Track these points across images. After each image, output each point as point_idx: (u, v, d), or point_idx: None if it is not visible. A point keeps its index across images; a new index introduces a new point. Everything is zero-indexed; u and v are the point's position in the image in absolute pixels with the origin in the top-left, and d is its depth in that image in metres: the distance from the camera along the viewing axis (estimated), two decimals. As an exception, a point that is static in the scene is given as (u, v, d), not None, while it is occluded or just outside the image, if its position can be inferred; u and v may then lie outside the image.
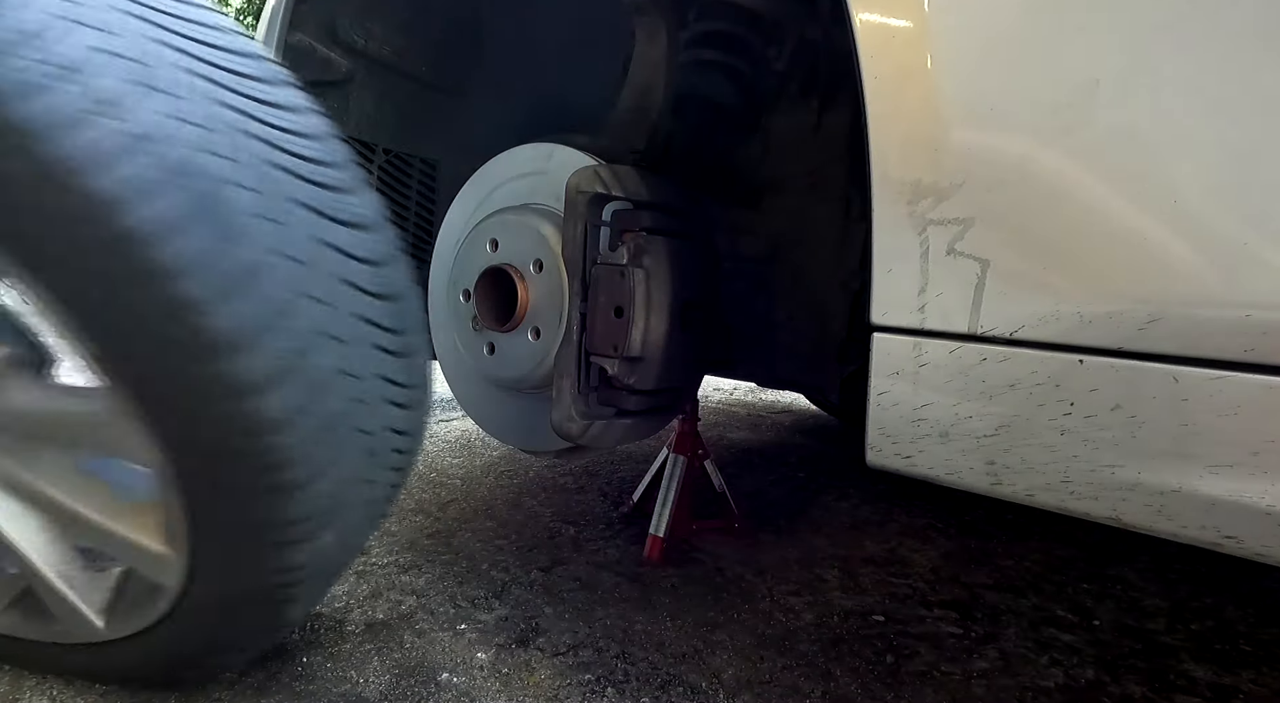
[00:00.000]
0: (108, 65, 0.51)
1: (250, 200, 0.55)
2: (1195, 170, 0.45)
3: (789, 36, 0.96)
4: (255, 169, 0.57)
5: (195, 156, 0.53)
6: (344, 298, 0.62)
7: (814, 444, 2.12)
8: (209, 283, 0.52)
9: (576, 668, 0.92)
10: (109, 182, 0.49)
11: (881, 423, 0.62)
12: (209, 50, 0.60)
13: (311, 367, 0.59)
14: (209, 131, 0.55)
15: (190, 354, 0.53)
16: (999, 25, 0.51)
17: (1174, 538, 0.51)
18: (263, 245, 0.55)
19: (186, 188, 0.52)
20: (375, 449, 0.69)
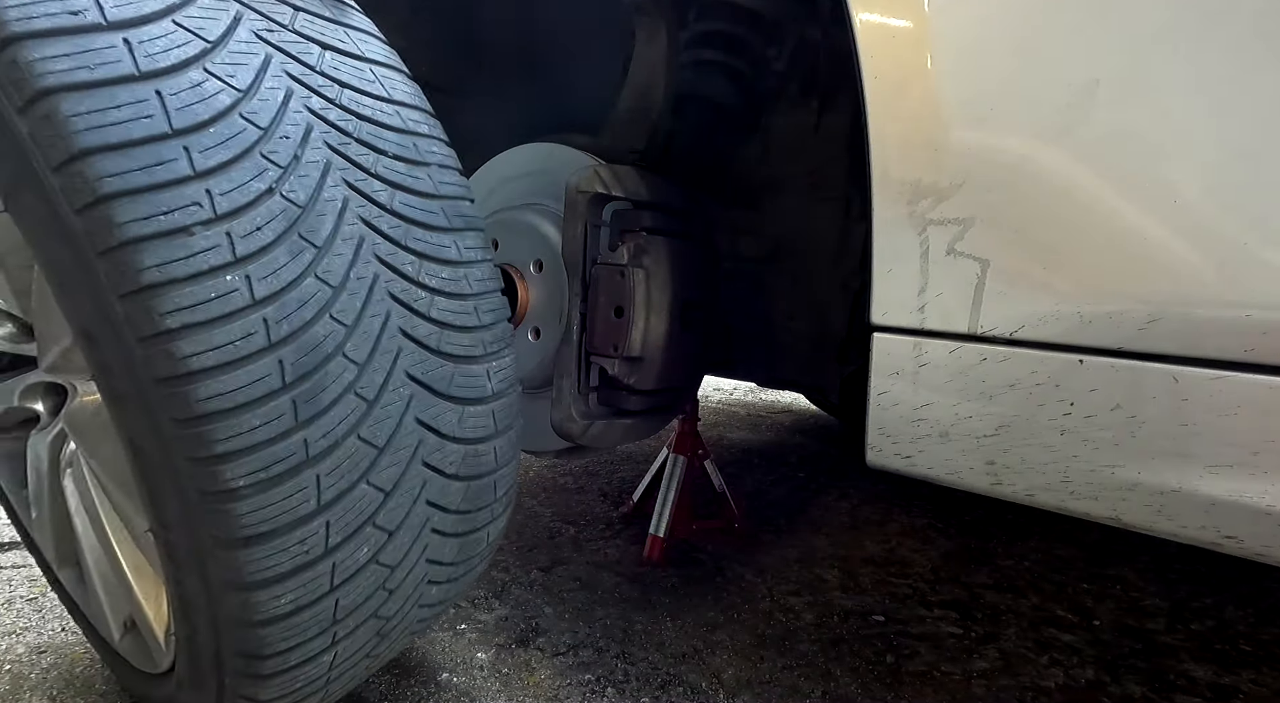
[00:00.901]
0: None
1: (349, 377, 0.48)
2: (1195, 170, 0.45)
3: (789, 36, 0.96)
4: (369, 339, 0.49)
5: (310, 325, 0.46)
6: (412, 485, 0.53)
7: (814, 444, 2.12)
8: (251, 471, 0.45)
9: (576, 668, 0.92)
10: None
11: (881, 423, 0.62)
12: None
13: (337, 561, 0.50)
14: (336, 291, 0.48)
15: (214, 535, 0.46)
16: (999, 25, 0.51)
17: (1174, 538, 0.51)
18: (342, 428, 0.48)
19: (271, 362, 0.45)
20: (389, 631, 0.59)
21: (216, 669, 0.54)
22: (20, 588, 1.12)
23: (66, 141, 0.41)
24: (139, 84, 0.43)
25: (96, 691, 0.86)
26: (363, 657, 0.60)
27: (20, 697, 0.84)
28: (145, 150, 0.42)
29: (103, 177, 0.41)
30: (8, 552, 1.26)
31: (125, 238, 0.41)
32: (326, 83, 0.51)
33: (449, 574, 0.62)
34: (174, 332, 0.41)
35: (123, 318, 0.42)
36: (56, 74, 0.41)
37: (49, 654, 0.93)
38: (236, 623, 0.49)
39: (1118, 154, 0.47)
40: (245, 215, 0.44)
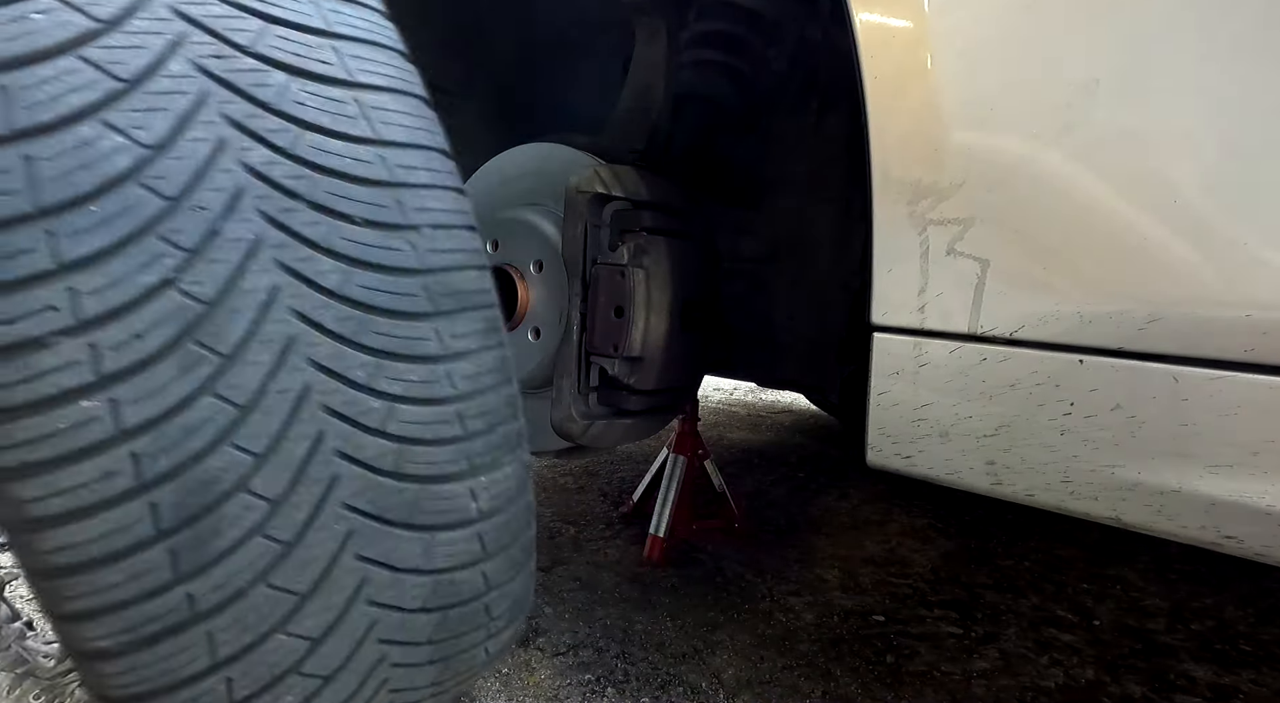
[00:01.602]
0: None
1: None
2: (1195, 170, 0.45)
3: (789, 36, 0.96)
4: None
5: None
6: (354, 627, 0.43)
7: (814, 444, 2.12)
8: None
9: (576, 668, 0.92)
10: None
11: (881, 423, 0.62)
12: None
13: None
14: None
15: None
16: (999, 25, 0.51)
17: (1174, 538, 0.51)
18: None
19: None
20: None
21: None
22: (22, 588, 1.12)
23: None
24: (1, 148, 0.32)
25: (96, 691, 0.86)
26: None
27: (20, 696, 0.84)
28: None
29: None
30: (8, 552, 1.26)
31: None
32: (282, 126, 0.39)
33: (432, 694, 0.52)
34: (11, 472, 0.33)
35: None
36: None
37: (49, 654, 0.93)
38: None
39: (1118, 154, 0.47)
40: (121, 321, 0.34)
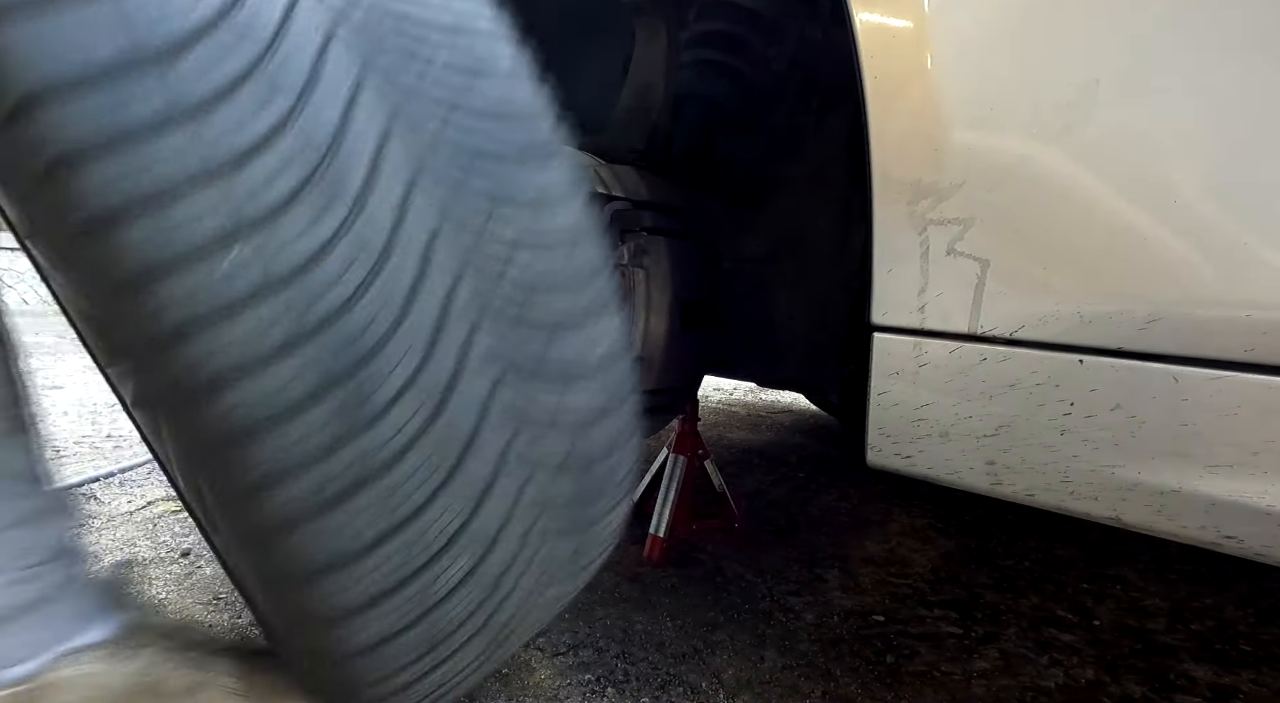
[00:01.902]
0: None
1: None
2: (1195, 170, 0.45)
3: (789, 36, 0.96)
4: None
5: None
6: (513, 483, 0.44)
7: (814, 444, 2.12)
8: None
9: (576, 668, 0.92)
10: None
11: (881, 423, 0.62)
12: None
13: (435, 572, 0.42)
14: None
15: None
16: (999, 25, 0.51)
17: (1174, 538, 0.51)
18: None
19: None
20: (501, 640, 0.50)
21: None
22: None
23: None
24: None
25: (96, 691, 0.86)
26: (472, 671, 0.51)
27: (20, 697, 0.84)
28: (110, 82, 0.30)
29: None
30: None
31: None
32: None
33: (570, 571, 0.53)
34: (175, 332, 0.33)
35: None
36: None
37: (49, 654, 0.93)
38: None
39: (1118, 154, 0.47)
40: (247, 166, 0.33)
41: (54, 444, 1.98)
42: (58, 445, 1.96)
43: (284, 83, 0.33)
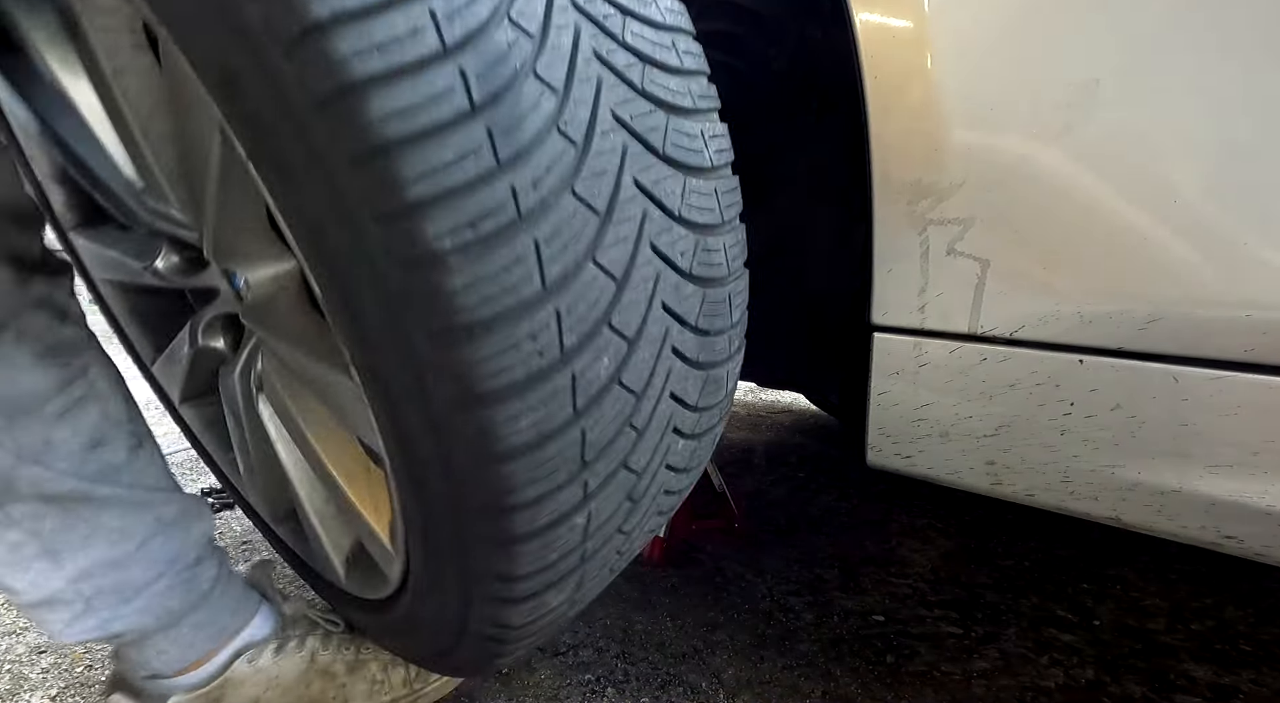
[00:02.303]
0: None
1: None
2: (1195, 170, 0.45)
3: (789, 36, 0.96)
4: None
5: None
6: (647, 274, 0.42)
7: (814, 444, 2.12)
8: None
9: (576, 668, 0.93)
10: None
11: (881, 423, 0.62)
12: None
13: (582, 376, 0.40)
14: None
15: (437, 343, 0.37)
16: (999, 25, 0.51)
17: (1174, 538, 0.51)
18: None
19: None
20: (639, 495, 0.50)
21: (455, 544, 0.47)
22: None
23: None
24: None
25: (96, 691, 0.86)
26: (616, 534, 0.51)
27: (20, 697, 0.84)
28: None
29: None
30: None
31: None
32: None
33: (693, 424, 0.51)
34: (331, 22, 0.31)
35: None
36: None
37: (49, 654, 0.93)
38: (476, 460, 0.40)
39: (1118, 154, 0.47)
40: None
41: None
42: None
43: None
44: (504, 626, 0.51)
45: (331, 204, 0.35)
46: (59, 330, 0.59)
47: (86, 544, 0.60)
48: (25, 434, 0.56)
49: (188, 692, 0.69)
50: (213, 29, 0.34)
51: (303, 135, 0.34)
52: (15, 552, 0.58)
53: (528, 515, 0.43)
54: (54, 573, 0.60)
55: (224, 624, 0.72)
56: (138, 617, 0.64)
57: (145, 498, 0.65)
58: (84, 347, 0.62)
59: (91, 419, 0.61)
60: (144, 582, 0.64)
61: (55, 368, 0.58)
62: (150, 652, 0.67)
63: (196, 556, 0.69)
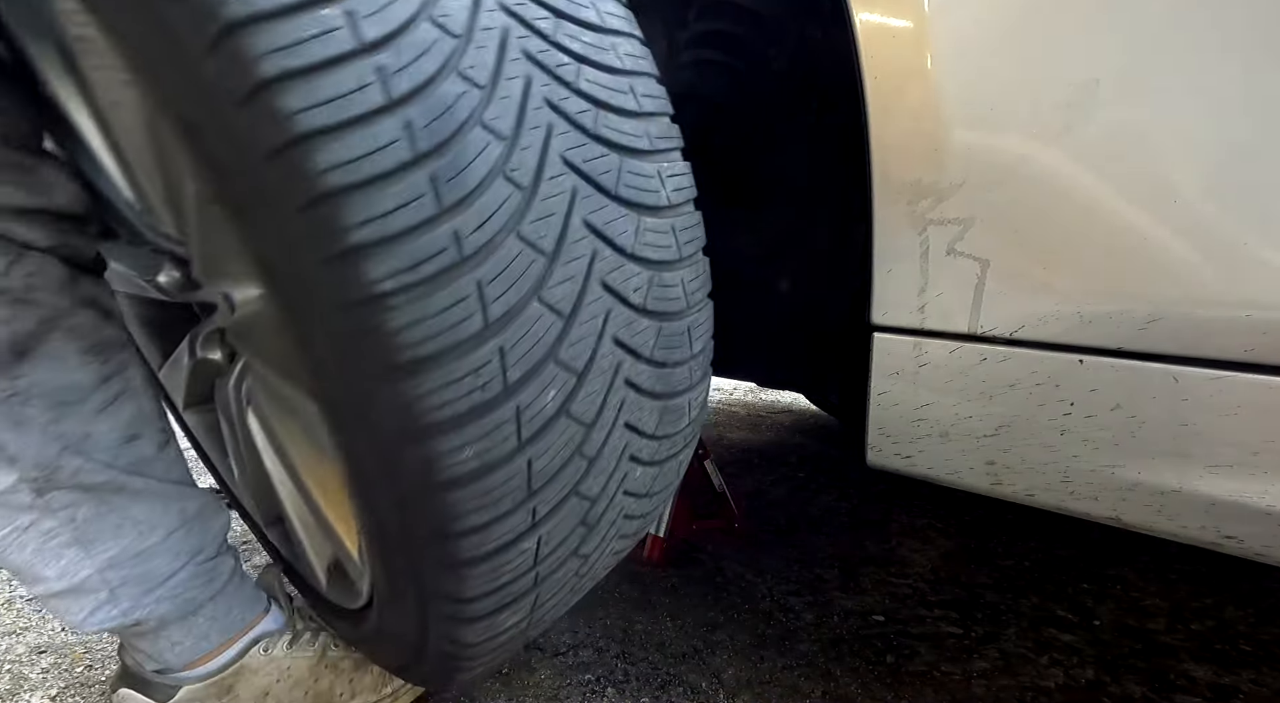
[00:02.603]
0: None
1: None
2: (1195, 170, 0.45)
3: (789, 36, 0.96)
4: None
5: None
6: (596, 310, 0.43)
7: (814, 444, 2.12)
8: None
9: (576, 668, 0.93)
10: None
11: (881, 423, 0.62)
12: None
13: (527, 408, 0.41)
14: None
15: (379, 370, 0.38)
16: (999, 25, 0.51)
17: (1174, 538, 0.51)
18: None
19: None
20: (594, 519, 0.51)
21: (409, 566, 0.48)
22: (20, 588, 1.12)
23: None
24: None
25: (97, 691, 0.86)
26: (571, 556, 0.52)
27: (20, 697, 0.84)
28: None
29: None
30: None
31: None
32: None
33: (652, 451, 0.52)
34: (272, 80, 0.33)
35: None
36: None
37: (49, 654, 0.93)
38: (421, 489, 0.41)
39: (1118, 154, 0.47)
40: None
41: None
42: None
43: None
44: (459, 643, 0.52)
45: (281, 245, 0.36)
46: (102, 329, 0.62)
47: (117, 534, 0.63)
48: (70, 426, 0.60)
49: (199, 681, 0.71)
50: (175, 81, 0.36)
51: (255, 181, 0.35)
52: (49, 540, 0.61)
53: (474, 541, 0.43)
54: (84, 562, 0.62)
55: (238, 617, 0.73)
56: (158, 605, 0.66)
57: (172, 492, 0.68)
58: (123, 345, 0.65)
59: (128, 414, 0.64)
60: (167, 572, 0.66)
61: (97, 364, 0.61)
62: (164, 643, 0.69)
63: (215, 549, 0.72)
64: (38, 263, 0.57)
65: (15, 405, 0.57)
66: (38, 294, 0.57)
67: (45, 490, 0.60)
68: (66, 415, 0.59)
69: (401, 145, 0.34)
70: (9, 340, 0.56)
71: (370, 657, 0.75)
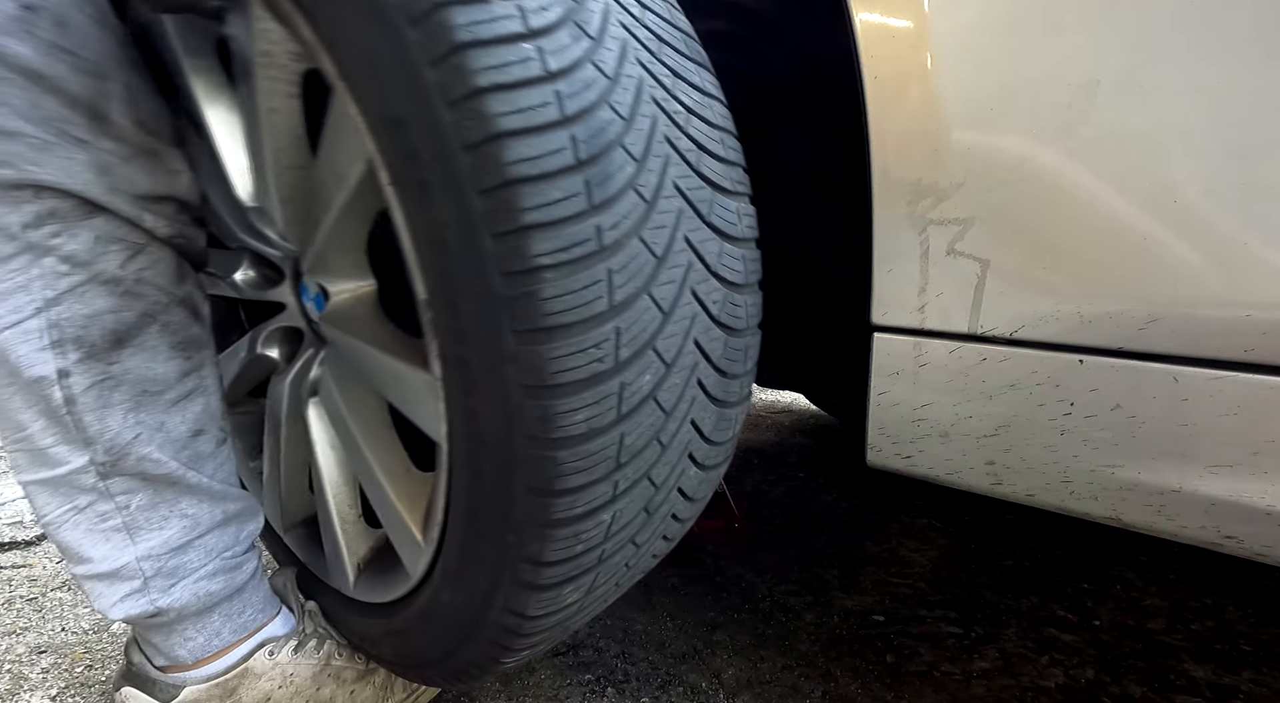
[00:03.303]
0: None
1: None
2: (1195, 170, 0.45)
3: (789, 36, 0.96)
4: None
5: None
6: (686, 312, 0.51)
7: (814, 444, 2.12)
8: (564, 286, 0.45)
9: (576, 668, 0.93)
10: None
11: (881, 423, 0.62)
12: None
13: (628, 386, 0.48)
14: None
15: (516, 346, 0.46)
16: (999, 25, 0.51)
17: (1174, 538, 0.51)
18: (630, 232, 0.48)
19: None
20: (654, 508, 0.57)
21: (499, 525, 0.53)
22: (20, 588, 1.12)
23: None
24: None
25: (96, 691, 0.86)
26: (628, 543, 0.58)
27: (20, 697, 0.84)
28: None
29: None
30: (8, 552, 1.26)
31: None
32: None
33: (707, 455, 0.59)
34: (484, 90, 0.42)
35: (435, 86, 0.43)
36: None
37: (49, 654, 0.93)
38: (531, 440, 0.47)
39: (1118, 154, 0.47)
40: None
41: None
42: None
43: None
44: (521, 615, 0.56)
45: (458, 221, 0.45)
46: (190, 327, 0.66)
47: (162, 525, 0.66)
48: (147, 415, 0.63)
49: (203, 682, 0.71)
50: (392, 85, 0.46)
51: (448, 167, 0.44)
52: (102, 522, 0.64)
53: (567, 501, 0.50)
54: (127, 548, 0.64)
55: (250, 618, 0.75)
56: (181, 595, 0.67)
57: (220, 491, 0.70)
58: (205, 345, 0.69)
59: (198, 410, 0.67)
60: (195, 566, 0.68)
61: (181, 360, 0.66)
62: (177, 638, 0.70)
63: (244, 550, 0.74)
64: (153, 257, 0.62)
65: (106, 390, 0.60)
66: (145, 288, 0.61)
67: (108, 475, 0.62)
68: (146, 405, 0.63)
69: (568, 153, 0.44)
70: (113, 328, 0.60)
71: (392, 656, 0.75)
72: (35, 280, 0.56)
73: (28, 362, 0.57)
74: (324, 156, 0.62)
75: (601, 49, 0.47)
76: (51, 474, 0.61)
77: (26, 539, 1.31)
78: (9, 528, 1.34)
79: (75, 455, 0.61)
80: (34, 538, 1.32)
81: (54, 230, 0.56)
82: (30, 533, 1.33)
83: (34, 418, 0.60)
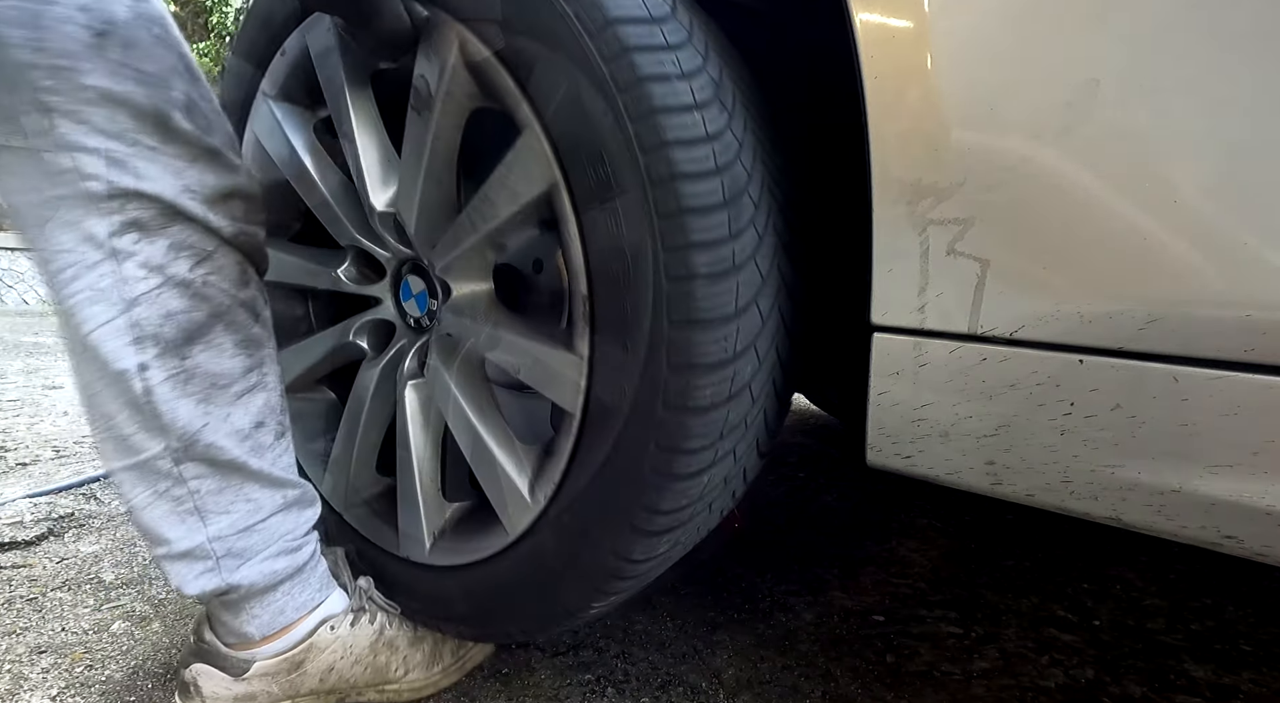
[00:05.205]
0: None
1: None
2: (1195, 170, 0.45)
3: (789, 36, 0.96)
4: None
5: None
6: (774, 321, 0.66)
7: (814, 444, 2.12)
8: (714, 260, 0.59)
9: (576, 668, 0.93)
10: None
11: (881, 423, 0.62)
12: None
13: (738, 373, 0.62)
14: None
15: (675, 326, 0.59)
16: (999, 25, 0.51)
17: (1174, 538, 0.51)
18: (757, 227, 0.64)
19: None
20: (730, 479, 0.69)
21: (626, 477, 0.65)
22: (20, 588, 1.12)
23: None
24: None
25: (96, 691, 0.86)
26: (722, 490, 0.70)
27: (20, 697, 0.84)
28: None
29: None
30: (8, 552, 1.26)
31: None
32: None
33: (776, 419, 0.73)
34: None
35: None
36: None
37: (49, 654, 0.93)
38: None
39: (1118, 154, 0.47)
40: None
41: (54, 444, 1.98)
42: (58, 446, 1.96)
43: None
44: (626, 558, 0.67)
45: (639, 236, 0.60)
46: (251, 327, 0.73)
47: (229, 509, 0.72)
48: (215, 407, 0.70)
49: (272, 657, 0.78)
50: (597, 134, 0.61)
51: (637, 195, 0.59)
52: (178, 506, 0.70)
53: (687, 460, 0.62)
54: (200, 530, 0.71)
55: (311, 596, 0.81)
56: (248, 573, 0.74)
57: (280, 478, 0.77)
58: (266, 343, 0.76)
59: (260, 403, 0.74)
60: (260, 547, 0.75)
61: (245, 356, 0.72)
62: (245, 615, 0.76)
63: (303, 532, 0.80)
64: (218, 263, 0.69)
65: (180, 382, 0.67)
66: (212, 291, 0.68)
67: (181, 460, 0.69)
68: (214, 397, 0.70)
69: (719, 194, 0.60)
70: (185, 327, 0.67)
71: (469, 611, 0.82)
72: (119, 284, 0.63)
73: (114, 356, 0.64)
74: (496, 178, 0.71)
75: (734, 120, 0.63)
76: (134, 460, 0.68)
77: (26, 539, 1.31)
78: (9, 528, 1.34)
79: (153, 442, 0.67)
80: (34, 538, 1.32)
81: (135, 238, 0.63)
82: (30, 533, 1.33)
83: (119, 409, 0.66)
